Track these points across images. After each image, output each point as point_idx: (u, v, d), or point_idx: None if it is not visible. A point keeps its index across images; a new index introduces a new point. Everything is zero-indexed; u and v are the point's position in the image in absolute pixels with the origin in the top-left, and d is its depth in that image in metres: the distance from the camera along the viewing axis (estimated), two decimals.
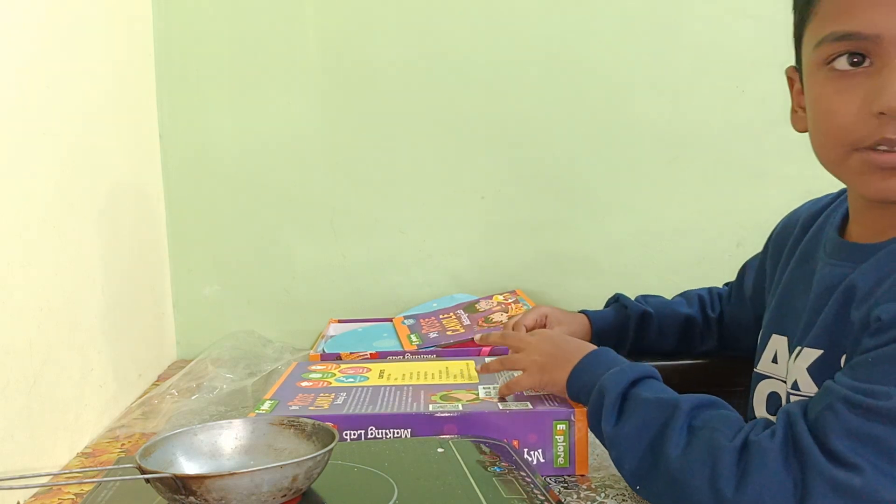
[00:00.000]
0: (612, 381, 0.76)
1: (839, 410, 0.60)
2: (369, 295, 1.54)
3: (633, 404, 0.74)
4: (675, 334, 1.13)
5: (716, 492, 0.62)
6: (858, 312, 0.68)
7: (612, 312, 1.15)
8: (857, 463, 0.58)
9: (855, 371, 0.63)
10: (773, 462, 0.61)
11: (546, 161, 1.52)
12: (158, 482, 0.68)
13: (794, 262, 0.84)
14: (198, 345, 1.49)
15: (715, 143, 1.51)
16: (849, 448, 0.59)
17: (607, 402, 0.75)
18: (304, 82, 1.50)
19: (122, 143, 1.30)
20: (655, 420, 0.70)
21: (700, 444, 0.65)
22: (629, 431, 0.72)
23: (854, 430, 0.59)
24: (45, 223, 0.98)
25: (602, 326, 1.14)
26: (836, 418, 0.60)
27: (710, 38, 1.49)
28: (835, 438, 0.59)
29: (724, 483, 0.62)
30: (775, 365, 0.81)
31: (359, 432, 0.90)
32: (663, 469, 0.67)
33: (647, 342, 1.14)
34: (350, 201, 1.53)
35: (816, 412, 0.62)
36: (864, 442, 0.59)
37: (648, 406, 0.72)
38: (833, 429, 0.60)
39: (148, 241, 1.43)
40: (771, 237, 0.95)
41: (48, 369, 0.95)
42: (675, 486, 0.66)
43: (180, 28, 1.48)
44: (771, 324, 0.85)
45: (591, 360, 0.84)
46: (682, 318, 1.13)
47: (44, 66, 1.00)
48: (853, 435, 0.59)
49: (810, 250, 0.82)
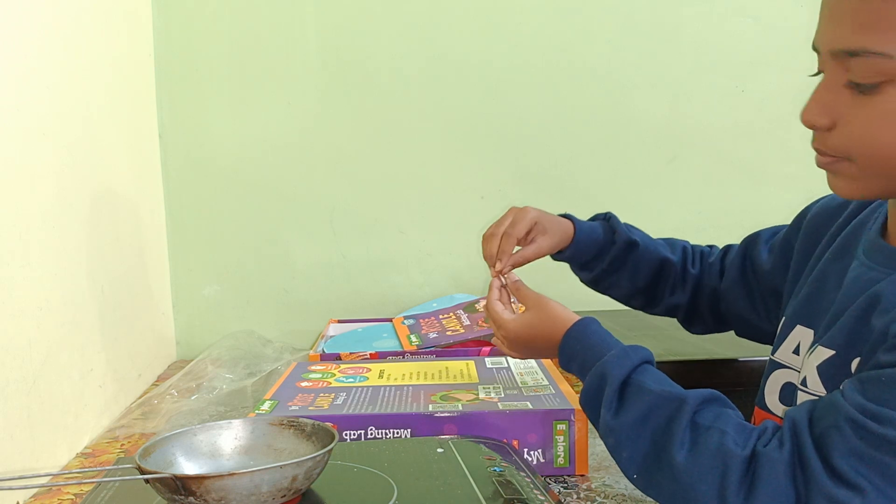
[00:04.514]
0: (614, 364, 0.74)
1: (845, 431, 0.60)
2: (369, 295, 1.54)
3: (635, 393, 0.72)
4: (649, 275, 1.05)
5: (723, 501, 0.62)
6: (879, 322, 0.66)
7: (600, 229, 1.06)
8: (858, 483, 0.58)
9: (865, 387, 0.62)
10: (781, 476, 0.61)
11: (546, 161, 1.52)
12: (158, 482, 0.68)
13: (831, 254, 0.81)
14: (198, 345, 1.49)
15: (715, 143, 1.51)
16: (852, 468, 0.59)
17: (609, 388, 0.73)
18: (304, 82, 1.51)
19: (122, 144, 1.30)
20: (660, 414, 0.69)
21: (708, 447, 0.65)
22: (631, 422, 0.70)
23: (858, 452, 0.59)
24: (45, 223, 0.98)
25: (584, 239, 1.05)
26: (842, 438, 0.60)
27: (710, 38, 1.50)
28: (838, 457, 0.59)
29: (731, 493, 0.62)
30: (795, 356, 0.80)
31: (358, 432, 0.90)
32: (667, 468, 0.66)
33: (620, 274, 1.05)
34: (350, 201, 1.53)
35: (822, 428, 0.62)
36: (867, 464, 0.58)
37: (653, 397, 0.71)
38: (838, 448, 0.60)
39: (148, 241, 1.43)
40: (805, 217, 0.89)
41: (48, 369, 0.95)
42: (680, 487, 0.65)
43: (180, 28, 1.48)
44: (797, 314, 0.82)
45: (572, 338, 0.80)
46: (660, 262, 1.04)
47: (44, 66, 1.00)
48: (857, 456, 0.59)
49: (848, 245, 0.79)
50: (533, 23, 1.49)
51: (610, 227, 1.06)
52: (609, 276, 1.05)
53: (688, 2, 1.49)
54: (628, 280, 1.04)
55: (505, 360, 1.15)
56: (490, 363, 1.13)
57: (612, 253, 1.04)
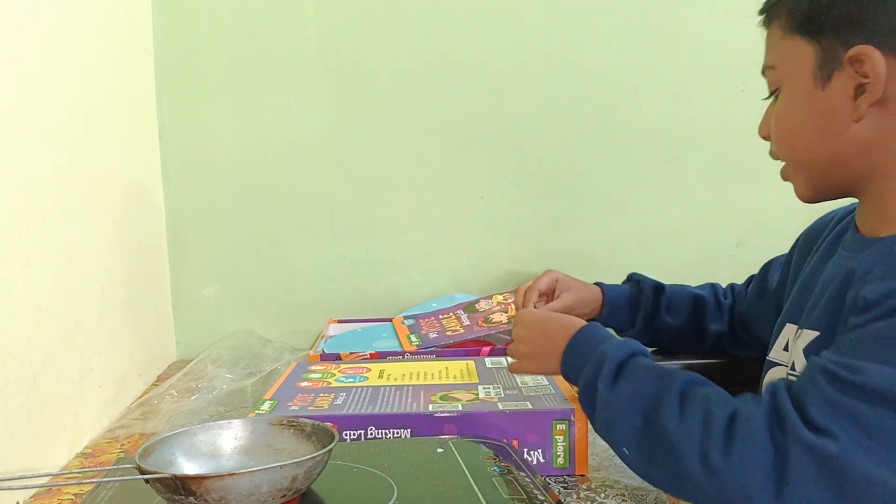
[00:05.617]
0: (614, 348, 0.79)
1: (819, 381, 0.63)
2: (369, 295, 1.54)
3: (631, 370, 0.76)
4: (686, 311, 1.16)
5: (704, 457, 0.65)
6: (852, 293, 0.70)
7: (626, 286, 1.19)
8: (833, 431, 0.60)
9: (838, 347, 0.66)
10: (759, 431, 0.64)
11: (546, 161, 1.52)
12: (158, 482, 0.68)
13: (817, 257, 0.86)
14: (197, 345, 1.49)
15: (715, 143, 1.51)
16: (826, 417, 0.61)
17: (607, 366, 0.77)
18: (303, 82, 1.51)
19: (122, 143, 1.30)
20: (653, 388, 0.73)
21: (695, 412, 0.68)
22: (626, 395, 0.74)
23: (832, 400, 0.62)
24: (45, 223, 0.98)
25: (614, 297, 1.18)
26: (817, 389, 0.63)
27: (710, 38, 1.49)
28: (813, 407, 0.62)
29: (712, 449, 0.65)
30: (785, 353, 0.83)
31: (358, 432, 0.90)
32: (656, 434, 0.70)
33: (659, 316, 1.16)
34: (350, 201, 1.53)
35: (799, 385, 0.65)
36: (841, 413, 0.61)
37: (648, 373, 0.75)
38: (813, 398, 0.62)
39: (148, 241, 1.43)
40: (801, 235, 0.96)
41: (48, 369, 0.95)
42: (668, 450, 0.68)
43: (180, 28, 1.48)
44: (787, 314, 0.87)
45: (582, 337, 0.85)
46: (694, 297, 1.15)
47: (44, 66, 1.00)
48: (830, 404, 0.62)
49: (832, 246, 0.84)
50: (533, 23, 1.49)
51: (634, 281, 1.20)
52: (651, 322, 1.17)
53: (688, 2, 1.49)
54: (670, 320, 1.16)
55: (505, 360, 1.15)
56: (490, 363, 1.13)
57: (643, 301, 1.17)
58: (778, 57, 0.78)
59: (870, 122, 0.72)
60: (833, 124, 0.74)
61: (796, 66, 0.75)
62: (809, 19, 0.74)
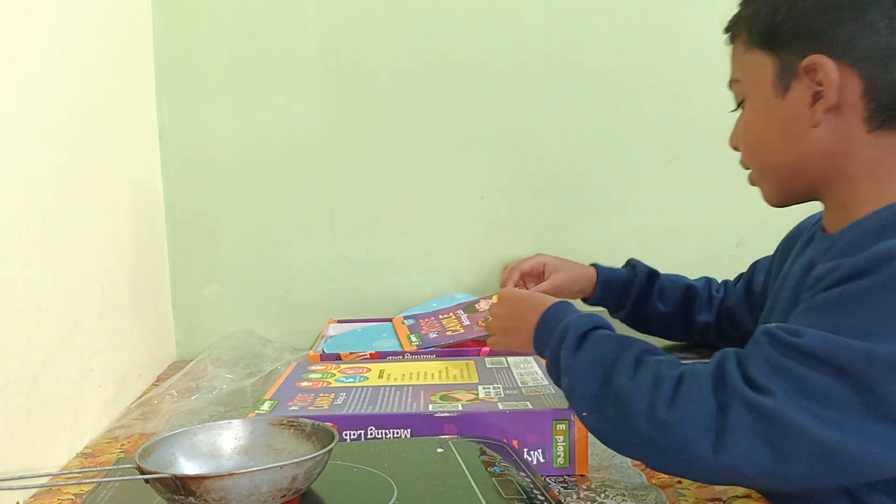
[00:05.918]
0: (578, 321, 0.83)
1: (762, 343, 0.68)
2: (369, 295, 1.54)
3: (593, 340, 0.80)
4: (677, 299, 1.22)
5: (651, 411, 0.69)
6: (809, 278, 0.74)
7: (622, 270, 1.26)
8: (770, 388, 0.64)
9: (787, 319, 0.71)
10: (704, 387, 0.68)
11: (546, 161, 1.52)
12: (158, 482, 0.68)
13: (791, 260, 0.90)
14: (197, 345, 1.49)
15: (715, 143, 1.50)
16: (764, 375, 0.65)
17: (570, 336, 0.81)
18: (303, 82, 1.51)
19: (122, 143, 1.30)
20: (612, 353, 0.76)
21: (647, 373, 0.72)
22: (586, 361, 0.78)
23: (771, 360, 0.66)
24: (45, 223, 0.98)
25: (608, 277, 1.25)
26: (758, 349, 0.67)
27: (710, 38, 1.48)
28: (754, 366, 0.66)
29: (659, 403, 0.69)
30: None
31: (358, 432, 0.90)
32: (612, 395, 0.73)
33: (650, 301, 1.22)
34: (350, 201, 1.53)
35: (747, 348, 0.70)
36: (778, 371, 0.65)
37: (608, 341, 0.79)
38: (753, 358, 0.67)
39: (148, 241, 1.43)
40: (783, 239, 0.99)
41: (48, 369, 0.95)
42: (619, 408, 0.72)
43: (180, 28, 1.48)
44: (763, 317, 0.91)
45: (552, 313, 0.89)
46: (686, 287, 1.22)
47: (44, 66, 1.00)
48: (769, 363, 0.66)
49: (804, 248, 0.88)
50: (533, 23, 1.49)
51: (630, 265, 1.26)
52: (641, 306, 1.23)
53: (688, 2, 1.49)
54: (660, 307, 1.22)
55: (505, 360, 1.15)
56: (490, 363, 1.13)
57: (636, 284, 1.23)
58: (741, 70, 0.84)
59: (827, 128, 0.76)
60: (794, 130, 0.78)
61: (758, 77, 0.81)
62: (767, 34, 0.79)
